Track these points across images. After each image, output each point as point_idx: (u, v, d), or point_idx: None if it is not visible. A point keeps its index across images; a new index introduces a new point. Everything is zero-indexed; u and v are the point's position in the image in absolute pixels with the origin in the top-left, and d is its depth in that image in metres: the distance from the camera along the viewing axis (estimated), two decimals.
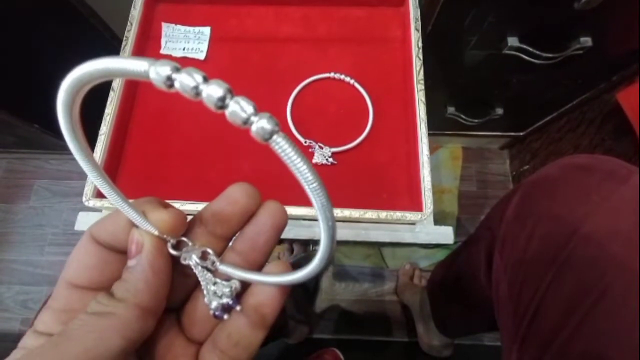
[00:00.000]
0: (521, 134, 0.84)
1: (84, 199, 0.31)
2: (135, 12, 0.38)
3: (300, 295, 0.75)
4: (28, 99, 0.68)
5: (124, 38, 0.37)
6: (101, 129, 0.33)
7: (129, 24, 0.37)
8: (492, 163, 0.95)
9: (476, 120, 0.71)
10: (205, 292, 0.13)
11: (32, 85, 0.67)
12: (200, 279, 0.13)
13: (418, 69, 0.34)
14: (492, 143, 0.93)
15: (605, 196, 0.25)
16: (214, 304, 0.12)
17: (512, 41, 0.49)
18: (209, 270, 0.13)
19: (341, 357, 0.64)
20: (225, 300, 0.12)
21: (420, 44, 0.35)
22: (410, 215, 0.30)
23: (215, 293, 0.13)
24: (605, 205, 0.25)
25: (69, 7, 0.63)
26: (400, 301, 0.80)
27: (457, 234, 0.89)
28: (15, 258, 0.89)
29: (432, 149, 0.95)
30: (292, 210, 0.31)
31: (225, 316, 0.13)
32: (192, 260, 0.13)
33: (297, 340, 0.72)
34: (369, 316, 0.81)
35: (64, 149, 0.30)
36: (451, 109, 0.71)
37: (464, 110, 0.71)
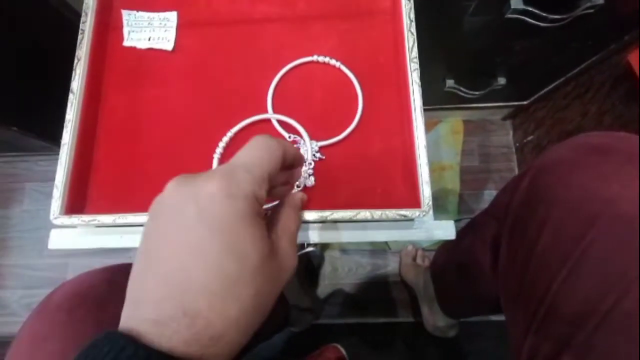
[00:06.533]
0: (525, 102, 0.80)
1: (51, 216, 0.28)
2: (90, 1, 0.33)
3: (302, 282, 0.74)
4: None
5: (80, 31, 0.32)
6: (63, 138, 0.30)
7: (83, 14, 0.33)
8: (495, 135, 0.91)
9: (477, 93, 0.67)
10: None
11: (1, 87, 0.63)
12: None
13: (411, 45, 0.31)
14: (495, 114, 0.89)
15: (627, 184, 0.22)
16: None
17: (516, 3, 0.44)
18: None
19: (343, 352, 0.64)
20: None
21: (412, 16, 0.31)
22: (407, 213, 0.27)
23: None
24: (628, 194, 0.22)
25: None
26: (404, 282, 0.80)
27: (459, 211, 0.87)
28: (15, 263, 0.89)
29: (432, 124, 0.91)
30: None
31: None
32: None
33: (302, 327, 0.72)
34: (374, 299, 0.81)
35: (49, 149, 0.28)
36: (450, 82, 0.67)
37: (464, 82, 0.66)
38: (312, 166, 0.30)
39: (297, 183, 0.30)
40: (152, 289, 0.16)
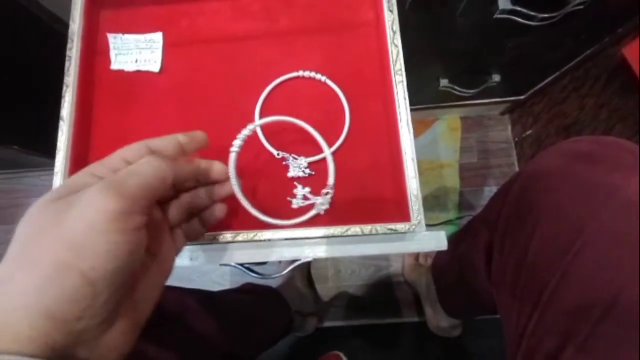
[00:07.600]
0: (522, 97, 0.79)
1: None
2: (75, 26, 0.34)
3: (304, 287, 0.74)
4: None
5: (67, 58, 0.33)
6: (55, 166, 0.30)
7: (69, 40, 0.33)
8: (493, 130, 0.91)
9: (472, 91, 0.67)
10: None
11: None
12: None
13: (395, 57, 0.30)
14: (492, 110, 0.88)
15: (611, 193, 0.22)
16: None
17: (504, 3, 0.44)
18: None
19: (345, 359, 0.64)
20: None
21: (395, 27, 0.31)
22: (396, 227, 0.27)
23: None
24: (612, 204, 0.22)
25: (29, 15, 0.58)
26: (407, 282, 0.80)
27: (460, 208, 0.87)
28: None
29: (429, 122, 0.91)
30: (270, 234, 0.29)
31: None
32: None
33: (307, 332, 0.73)
34: (378, 300, 0.81)
35: (51, 165, 0.29)
36: (444, 81, 0.66)
37: (459, 81, 0.66)
38: (332, 193, 0.30)
39: (318, 205, 0.29)
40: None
